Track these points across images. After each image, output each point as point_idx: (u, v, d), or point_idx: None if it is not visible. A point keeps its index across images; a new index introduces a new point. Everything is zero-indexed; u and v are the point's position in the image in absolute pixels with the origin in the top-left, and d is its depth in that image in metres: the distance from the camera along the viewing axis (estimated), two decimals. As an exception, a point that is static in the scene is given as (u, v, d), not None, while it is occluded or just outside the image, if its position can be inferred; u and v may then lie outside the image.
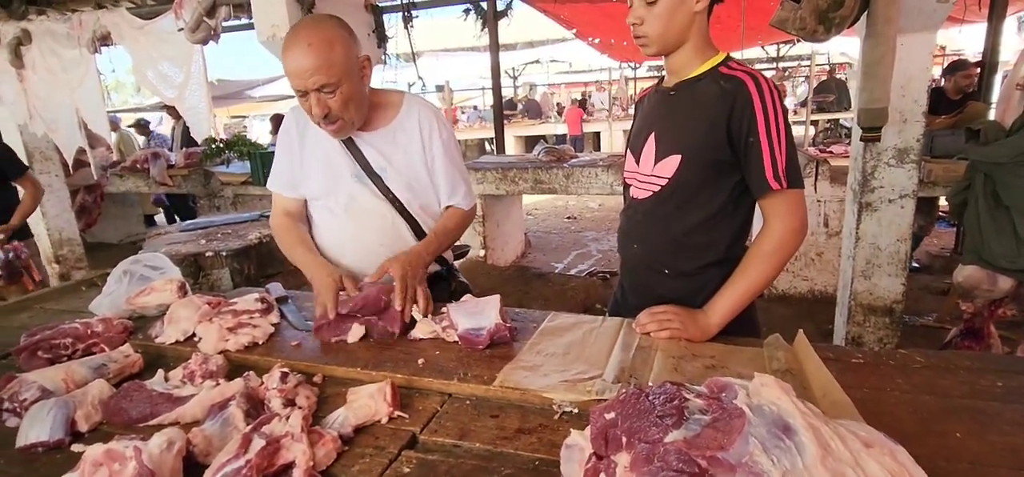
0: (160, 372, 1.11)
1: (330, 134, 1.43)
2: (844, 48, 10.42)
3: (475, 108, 16.61)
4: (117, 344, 1.28)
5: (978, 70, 4.85)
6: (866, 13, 2.07)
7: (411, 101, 1.54)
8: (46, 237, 4.37)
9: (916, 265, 4.65)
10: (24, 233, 3.20)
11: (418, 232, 1.55)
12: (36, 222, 4.08)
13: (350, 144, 1.49)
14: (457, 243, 1.72)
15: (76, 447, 0.92)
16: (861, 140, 2.34)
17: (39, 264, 3.27)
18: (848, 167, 2.80)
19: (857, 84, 2.17)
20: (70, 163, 4.09)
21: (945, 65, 5.24)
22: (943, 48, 11.02)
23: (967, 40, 9.29)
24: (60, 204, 4.48)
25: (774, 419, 0.66)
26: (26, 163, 3.54)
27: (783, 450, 0.63)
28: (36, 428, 0.94)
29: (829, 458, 0.63)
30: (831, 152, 5.14)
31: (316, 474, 0.81)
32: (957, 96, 4.50)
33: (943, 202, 3.91)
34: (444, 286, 1.67)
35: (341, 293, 1.32)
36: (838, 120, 8.86)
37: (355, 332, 1.25)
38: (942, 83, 4.76)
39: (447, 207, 1.58)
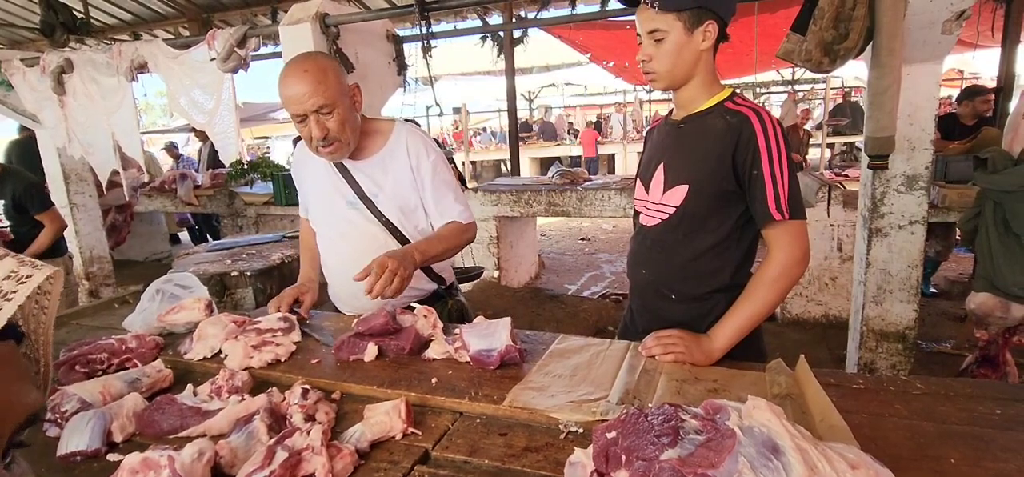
0: (189, 386, 1.18)
1: (327, 157, 1.53)
2: (858, 72, 10.39)
3: (485, 130, 16.81)
4: (149, 359, 1.36)
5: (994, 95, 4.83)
6: (871, 44, 2.11)
7: (400, 129, 1.63)
8: (78, 255, 4.54)
9: (933, 290, 4.58)
10: (41, 257, 3.29)
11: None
12: (69, 238, 4.24)
13: (344, 172, 1.60)
14: (470, 266, 1.80)
15: (112, 456, 0.99)
16: (869, 168, 2.37)
17: (68, 286, 3.39)
18: (860, 192, 2.82)
19: (866, 111, 2.20)
20: (104, 184, 4.27)
21: (962, 89, 5.22)
22: (961, 72, 10.93)
23: (982, 64, 9.21)
24: (92, 223, 4.66)
25: (763, 440, 0.70)
26: (60, 189, 3.68)
27: (771, 469, 0.67)
28: (75, 438, 1.00)
29: (815, 478, 0.66)
30: (846, 176, 5.11)
31: (335, 485, 0.86)
32: (972, 121, 4.48)
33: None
34: (441, 305, 1.73)
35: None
36: (853, 143, 8.81)
37: (370, 351, 1.31)
38: (955, 108, 4.74)
39: (448, 222, 1.63)
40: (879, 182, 2.45)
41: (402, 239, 1.62)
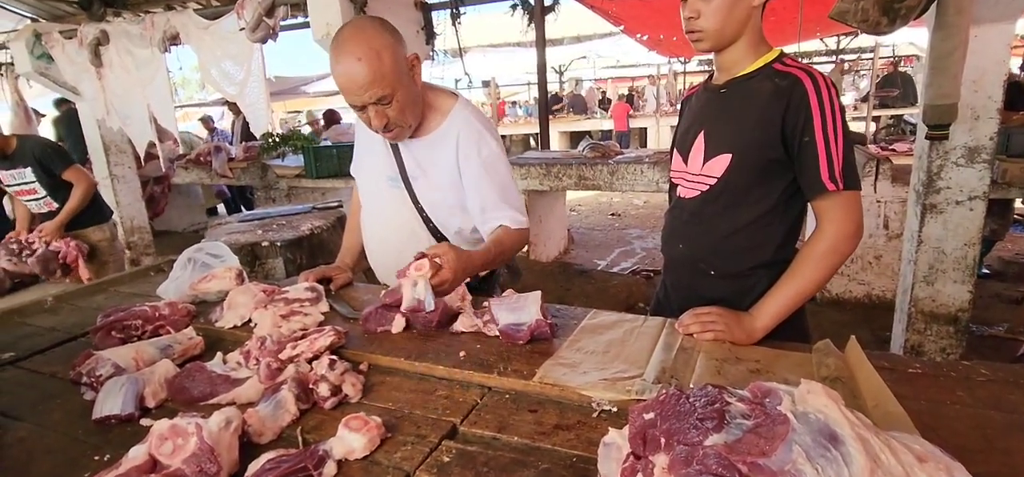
0: (219, 354, 1.18)
1: (389, 139, 1.44)
2: (913, 38, 9.82)
3: (515, 104, 16.61)
4: (181, 327, 1.37)
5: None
6: (935, 2, 1.95)
7: (457, 113, 1.46)
8: (120, 225, 4.70)
9: (986, 271, 4.35)
10: (86, 223, 3.21)
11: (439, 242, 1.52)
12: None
13: (395, 146, 1.51)
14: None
15: (144, 421, 1.00)
16: (927, 138, 2.21)
17: (115, 252, 3.44)
18: (911, 166, 2.65)
19: (924, 78, 2.04)
20: (141, 156, 4.38)
21: (1026, 57, 4.85)
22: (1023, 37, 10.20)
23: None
24: (132, 194, 4.81)
25: (820, 428, 0.64)
26: (101, 161, 3.72)
27: (828, 460, 0.61)
28: (110, 402, 1.01)
29: (878, 471, 0.60)
30: (893, 150, 4.85)
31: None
32: (1039, 90, 4.16)
33: (1019, 204, 3.63)
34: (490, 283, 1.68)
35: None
36: (902, 116, 8.37)
37: (398, 323, 1.29)
38: (1021, 76, 4.41)
39: (499, 226, 1.47)
40: (936, 154, 2.30)
41: (433, 230, 1.53)
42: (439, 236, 1.53)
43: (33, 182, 3.06)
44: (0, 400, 1.08)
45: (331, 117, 7.86)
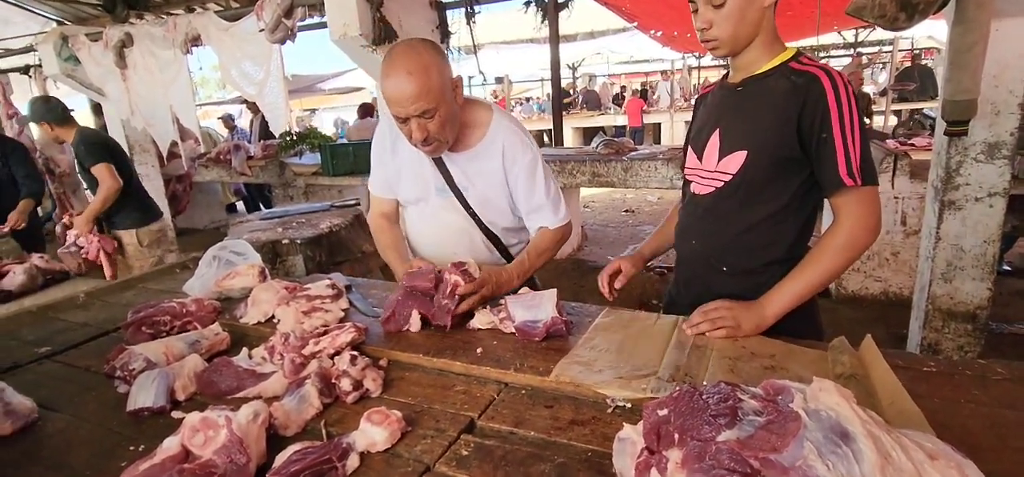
0: (244, 350, 1.22)
1: (427, 154, 1.50)
2: (932, 31, 9.62)
3: (528, 100, 16.57)
4: (208, 322, 1.42)
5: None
6: (955, -3, 1.93)
7: (498, 124, 1.56)
8: (167, 227, 4.80)
9: (1007, 268, 4.27)
10: (120, 224, 3.27)
11: (497, 244, 1.65)
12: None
13: (437, 160, 1.57)
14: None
15: (176, 414, 1.04)
16: (946, 133, 2.18)
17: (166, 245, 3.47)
18: (930, 161, 2.62)
19: (943, 72, 2.02)
20: (164, 155, 4.48)
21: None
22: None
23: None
24: (156, 192, 4.92)
25: (832, 425, 0.66)
26: (127, 153, 3.79)
27: (839, 457, 0.62)
28: (143, 395, 1.06)
29: (889, 467, 0.62)
30: (912, 145, 4.76)
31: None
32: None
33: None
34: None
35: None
36: (921, 110, 8.22)
37: (415, 320, 1.32)
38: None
39: (540, 228, 1.62)
40: (956, 150, 2.27)
41: (487, 232, 1.62)
42: (491, 234, 1.64)
43: (78, 172, 3.15)
44: (39, 392, 1.12)
45: (365, 110, 7.76)
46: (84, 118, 6.29)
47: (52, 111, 3.14)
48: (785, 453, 0.62)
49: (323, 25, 3.36)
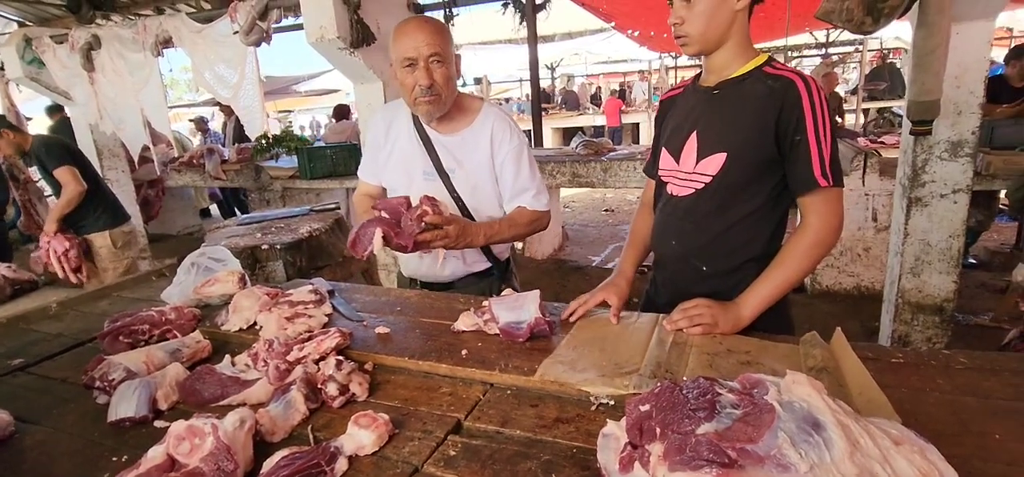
0: (227, 357, 1.21)
1: (425, 109, 1.55)
2: (899, 32, 9.92)
3: (508, 100, 16.58)
4: (188, 330, 1.40)
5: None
6: (918, 0, 2.00)
7: (488, 111, 1.66)
8: (137, 230, 4.69)
9: (973, 261, 4.43)
10: (88, 228, 3.19)
11: None
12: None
13: (426, 142, 1.63)
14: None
15: (158, 423, 1.03)
16: (911, 133, 2.27)
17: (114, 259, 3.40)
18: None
19: (909, 74, 2.10)
20: (136, 159, 4.37)
21: (1010, 49, 4.93)
22: (1010, 30, 10.34)
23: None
24: (127, 197, 4.79)
25: (804, 415, 0.69)
26: (94, 166, 3.72)
27: (811, 445, 0.65)
28: (124, 405, 1.04)
29: (857, 453, 0.65)
30: (882, 143, 4.91)
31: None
32: (1021, 83, 4.24)
33: (1004, 195, 3.71)
34: (490, 282, 1.74)
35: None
36: (891, 108, 8.48)
37: (377, 241, 1.37)
38: (1004, 69, 4.49)
39: (518, 207, 1.66)
40: (921, 149, 2.36)
41: (470, 217, 1.64)
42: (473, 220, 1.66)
43: (40, 179, 3.12)
44: (15, 404, 1.10)
45: (340, 112, 7.67)
46: (40, 122, 6.11)
47: (3, 120, 3.14)
48: (761, 443, 0.65)
49: (298, 26, 3.32)
